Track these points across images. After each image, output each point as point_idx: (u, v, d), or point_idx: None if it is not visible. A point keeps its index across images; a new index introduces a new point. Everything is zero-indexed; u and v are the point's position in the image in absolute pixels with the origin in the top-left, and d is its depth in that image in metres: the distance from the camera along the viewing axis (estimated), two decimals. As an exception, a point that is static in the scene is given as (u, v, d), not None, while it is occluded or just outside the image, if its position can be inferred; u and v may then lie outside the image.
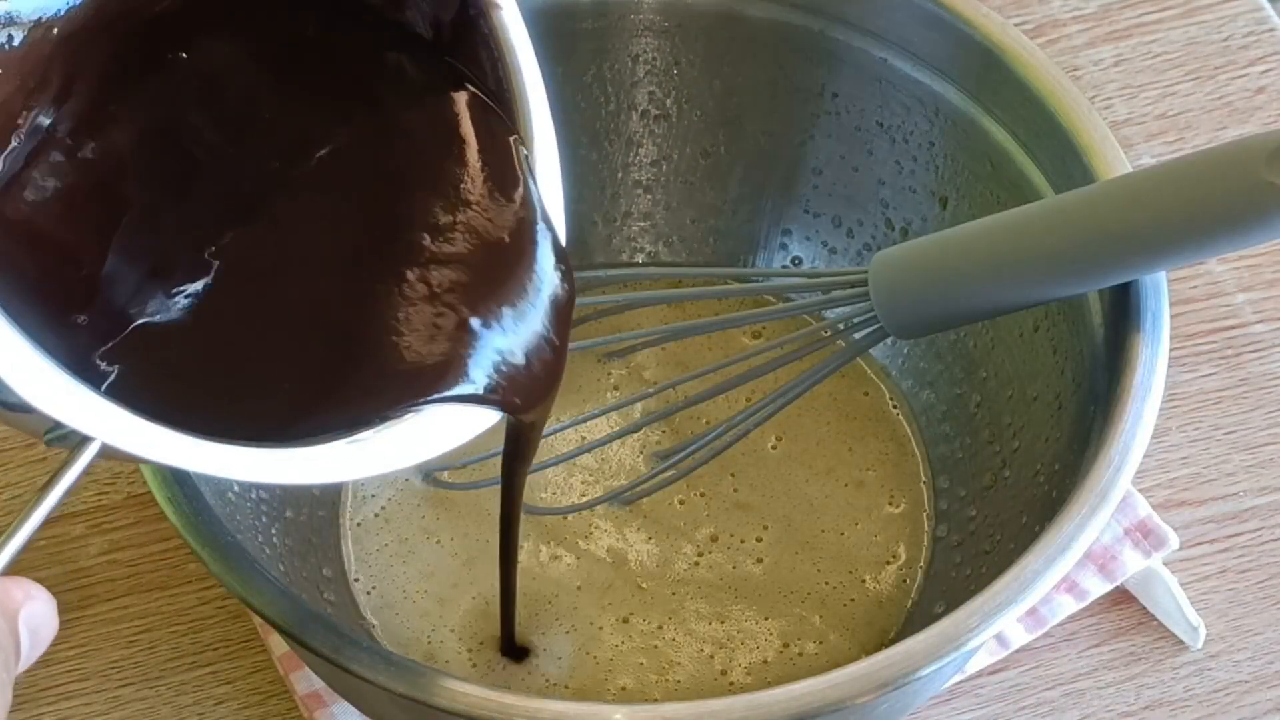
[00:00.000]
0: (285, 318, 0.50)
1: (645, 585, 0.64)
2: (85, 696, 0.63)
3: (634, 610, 0.63)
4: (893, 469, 0.67)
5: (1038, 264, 0.55)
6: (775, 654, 0.62)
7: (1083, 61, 0.79)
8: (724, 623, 0.63)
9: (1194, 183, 0.51)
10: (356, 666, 0.49)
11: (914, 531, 0.66)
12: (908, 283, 0.58)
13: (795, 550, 0.65)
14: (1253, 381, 0.71)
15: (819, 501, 0.66)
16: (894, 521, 0.66)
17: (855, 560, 0.65)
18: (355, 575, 0.64)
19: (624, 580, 0.64)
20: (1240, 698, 0.64)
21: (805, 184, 0.70)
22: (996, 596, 0.50)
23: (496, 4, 0.51)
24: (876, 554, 0.65)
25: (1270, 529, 0.67)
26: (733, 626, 0.63)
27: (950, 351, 0.67)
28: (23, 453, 0.68)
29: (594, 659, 0.62)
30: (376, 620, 0.63)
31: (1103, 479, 0.52)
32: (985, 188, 0.64)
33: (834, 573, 0.64)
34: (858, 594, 0.64)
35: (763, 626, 0.63)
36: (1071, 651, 0.65)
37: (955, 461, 0.66)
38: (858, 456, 0.67)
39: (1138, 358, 0.55)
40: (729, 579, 0.64)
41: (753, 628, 0.63)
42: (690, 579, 0.64)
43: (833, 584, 0.64)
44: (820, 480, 0.67)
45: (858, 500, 0.66)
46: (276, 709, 0.63)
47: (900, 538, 0.65)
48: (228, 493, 0.59)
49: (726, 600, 0.63)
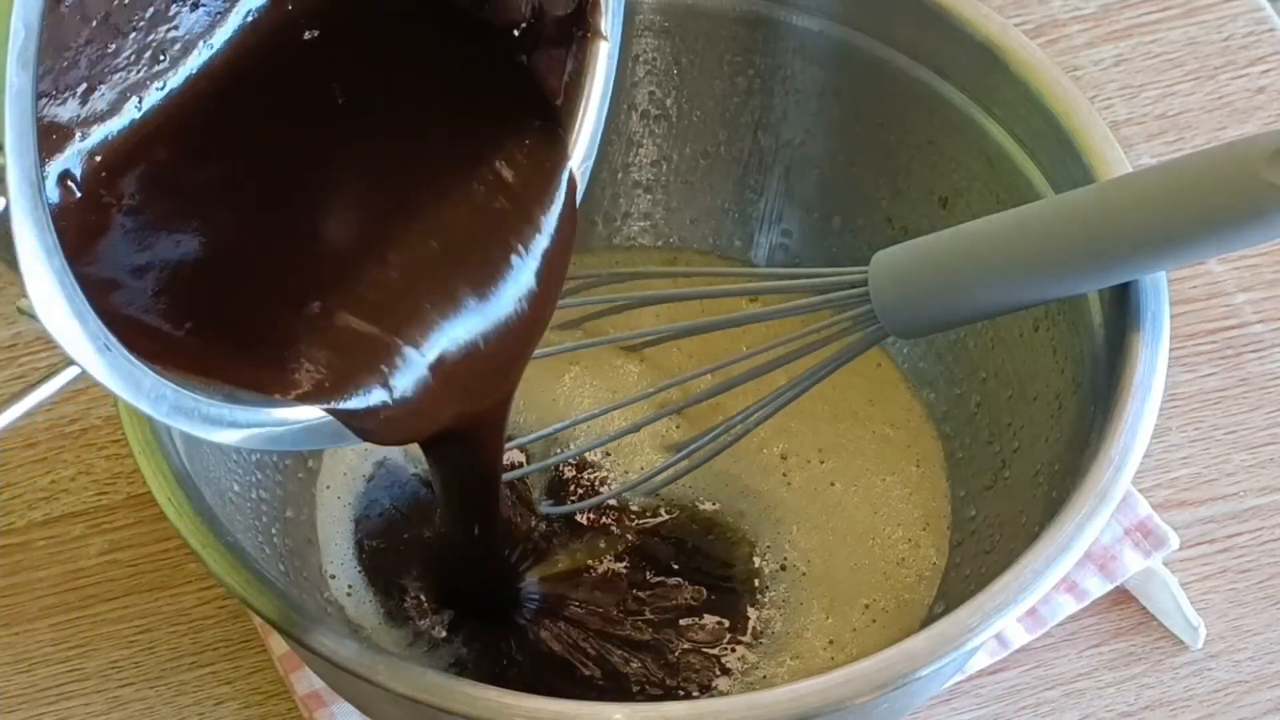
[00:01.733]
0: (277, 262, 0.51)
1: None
2: (85, 696, 0.63)
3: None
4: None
5: (1038, 264, 0.55)
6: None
7: (1083, 61, 0.79)
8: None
9: (1194, 183, 0.51)
10: (357, 667, 0.49)
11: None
12: (908, 283, 0.58)
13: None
14: (1253, 381, 0.71)
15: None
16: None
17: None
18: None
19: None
20: (1240, 698, 0.64)
21: (805, 184, 0.70)
22: (996, 596, 0.50)
23: (604, 36, 0.53)
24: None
25: (1270, 529, 0.67)
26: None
27: (950, 351, 0.67)
28: (23, 453, 0.68)
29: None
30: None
31: (1103, 479, 0.52)
32: (985, 188, 0.64)
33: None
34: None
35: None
36: (1071, 651, 0.64)
37: (955, 462, 0.66)
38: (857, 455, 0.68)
39: (1138, 358, 0.55)
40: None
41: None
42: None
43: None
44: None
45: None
46: (276, 709, 0.63)
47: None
48: (228, 493, 0.59)
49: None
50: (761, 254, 0.72)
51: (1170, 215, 0.51)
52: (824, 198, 0.70)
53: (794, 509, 0.66)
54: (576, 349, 0.68)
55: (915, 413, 0.68)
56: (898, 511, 0.66)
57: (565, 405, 0.68)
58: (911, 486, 0.66)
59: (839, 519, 0.65)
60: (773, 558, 0.64)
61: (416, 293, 0.51)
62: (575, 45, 0.53)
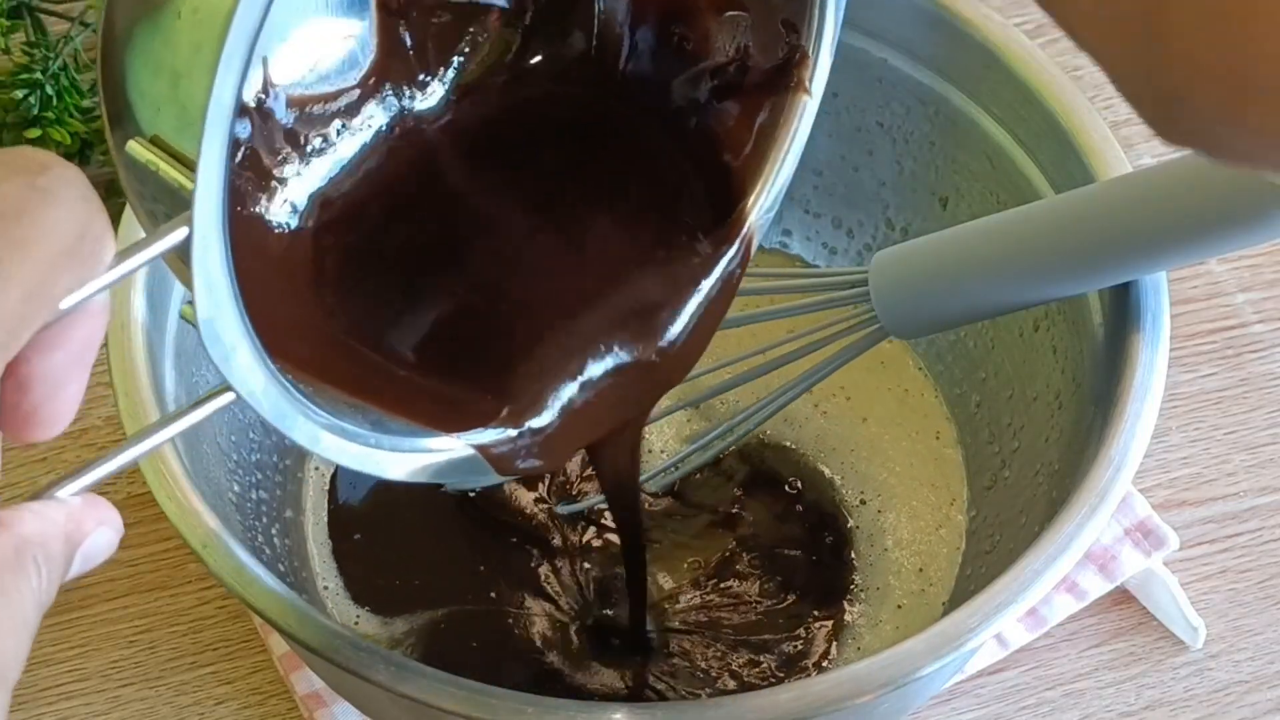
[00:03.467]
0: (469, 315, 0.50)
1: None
2: (85, 696, 0.63)
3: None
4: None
5: (1038, 264, 0.55)
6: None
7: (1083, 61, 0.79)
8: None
9: (1194, 183, 0.51)
10: (357, 667, 0.49)
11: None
12: (908, 283, 0.58)
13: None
14: (1253, 381, 0.71)
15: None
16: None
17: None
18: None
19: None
20: (1240, 698, 0.64)
21: (805, 184, 0.70)
22: (996, 596, 0.50)
23: (809, 92, 0.52)
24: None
25: (1270, 529, 0.67)
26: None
27: (950, 351, 0.67)
28: (23, 453, 0.68)
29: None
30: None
31: (1103, 479, 0.52)
32: (985, 188, 0.64)
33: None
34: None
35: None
36: (1071, 651, 0.65)
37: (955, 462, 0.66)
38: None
39: (1138, 358, 0.55)
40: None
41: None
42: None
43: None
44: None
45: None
46: (276, 709, 0.63)
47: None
48: (227, 493, 0.59)
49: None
50: (762, 254, 0.71)
51: (1170, 215, 0.51)
52: (824, 198, 0.70)
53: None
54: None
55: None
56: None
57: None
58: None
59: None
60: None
61: (575, 339, 0.51)
62: (776, 97, 0.52)
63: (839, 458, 0.67)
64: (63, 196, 0.33)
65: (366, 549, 0.65)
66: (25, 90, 0.71)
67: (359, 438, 0.44)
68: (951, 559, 0.64)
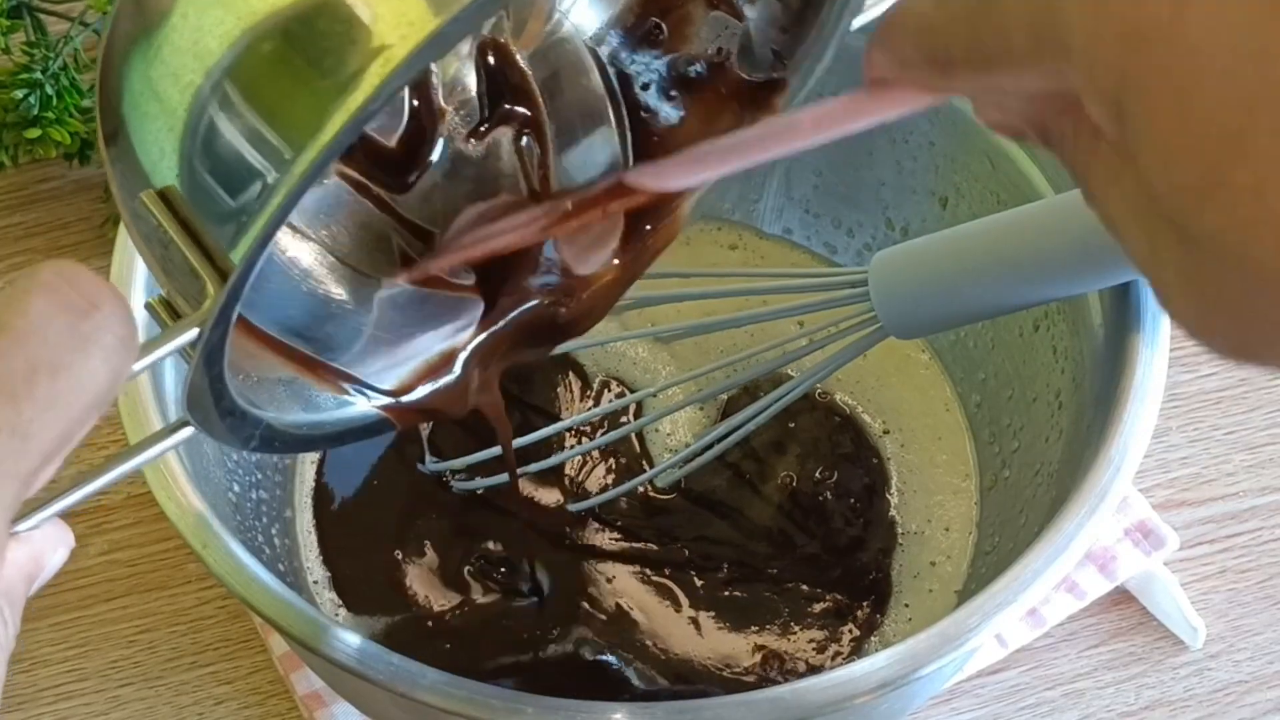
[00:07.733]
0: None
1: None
2: (85, 696, 0.63)
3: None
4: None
5: (1038, 264, 0.55)
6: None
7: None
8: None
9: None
10: (356, 666, 0.49)
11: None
12: (908, 283, 0.58)
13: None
14: (1253, 381, 0.71)
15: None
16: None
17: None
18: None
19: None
20: (1240, 698, 0.64)
21: (805, 184, 0.70)
22: (996, 596, 0.50)
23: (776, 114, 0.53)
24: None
25: (1270, 529, 0.67)
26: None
27: (950, 351, 0.67)
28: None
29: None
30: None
31: (1103, 479, 0.52)
32: (985, 188, 0.64)
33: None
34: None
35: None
36: (1071, 651, 0.65)
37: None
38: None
39: (1138, 358, 0.55)
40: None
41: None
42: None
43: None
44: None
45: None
46: (276, 709, 0.63)
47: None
48: (227, 493, 0.59)
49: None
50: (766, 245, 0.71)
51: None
52: (824, 198, 0.70)
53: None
54: (574, 349, 0.68)
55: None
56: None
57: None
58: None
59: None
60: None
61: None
62: (742, 111, 0.53)
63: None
64: (104, 344, 0.33)
65: (359, 548, 0.65)
66: (25, 90, 0.71)
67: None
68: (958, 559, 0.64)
